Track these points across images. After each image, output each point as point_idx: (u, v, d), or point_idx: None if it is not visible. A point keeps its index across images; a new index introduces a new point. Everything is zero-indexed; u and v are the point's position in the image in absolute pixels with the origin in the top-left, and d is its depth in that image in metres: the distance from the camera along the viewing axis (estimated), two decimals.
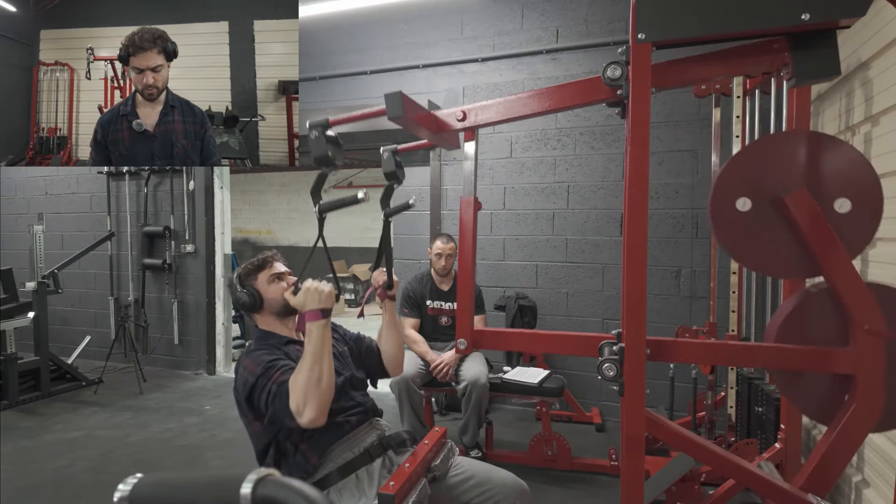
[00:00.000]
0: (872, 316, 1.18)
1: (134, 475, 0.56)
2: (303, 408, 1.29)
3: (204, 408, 3.85)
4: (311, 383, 1.29)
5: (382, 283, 1.72)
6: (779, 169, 1.22)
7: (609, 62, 1.27)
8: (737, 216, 1.24)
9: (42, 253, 4.11)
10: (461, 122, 1.44)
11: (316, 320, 1.34)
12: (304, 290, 1.37)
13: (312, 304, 1.35)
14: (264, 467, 0.52)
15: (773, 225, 1.23)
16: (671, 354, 1.32)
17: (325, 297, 1.36)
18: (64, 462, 2.95)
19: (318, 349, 1.32)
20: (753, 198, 1.23)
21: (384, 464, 1.52)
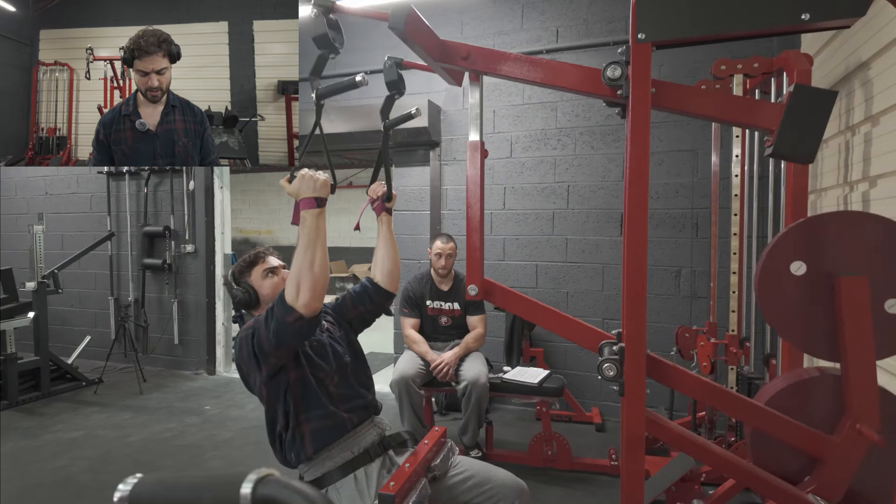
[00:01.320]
0: (870, 418, 1.19)
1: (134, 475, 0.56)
2: (297, 293, 1.28)
3: (204, 408, 3.85)
4: (304, 268, 1.29)
5: (381, 194, 1.70)
6: (846, 247, 1.20)
7: (609, 62, 1.27)
8: (785, 275, 1.22)
9: (42, 253, 4.11)
10: (464, 61, 1.42)
11: (310, 208, 1.33)
12: (300, 178, 1.35)
13: (307, 191, 1.33)
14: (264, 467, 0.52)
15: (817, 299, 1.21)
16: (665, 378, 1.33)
17: (319, 185, 1.34)
18: (64, 462, 2.95)
19: (311, 236, 1.31)
20: (810, 265, 1.21)
21: (384, 464, 1.52)
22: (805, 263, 1.21)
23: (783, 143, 1.14)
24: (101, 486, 2.69)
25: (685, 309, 3.43)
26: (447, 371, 2.81)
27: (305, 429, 1.47)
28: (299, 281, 1.29)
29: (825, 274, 1.21)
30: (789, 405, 1.27)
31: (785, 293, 1.23)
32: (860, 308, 1.17)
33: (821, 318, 1.22)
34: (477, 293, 1.44)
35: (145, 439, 3.27)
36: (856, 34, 2.12)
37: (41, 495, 2.60)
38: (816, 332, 1.23)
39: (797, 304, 1.23)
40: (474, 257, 1.45)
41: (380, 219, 1.75)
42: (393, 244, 1.76)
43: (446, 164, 3.97)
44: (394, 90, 1.57)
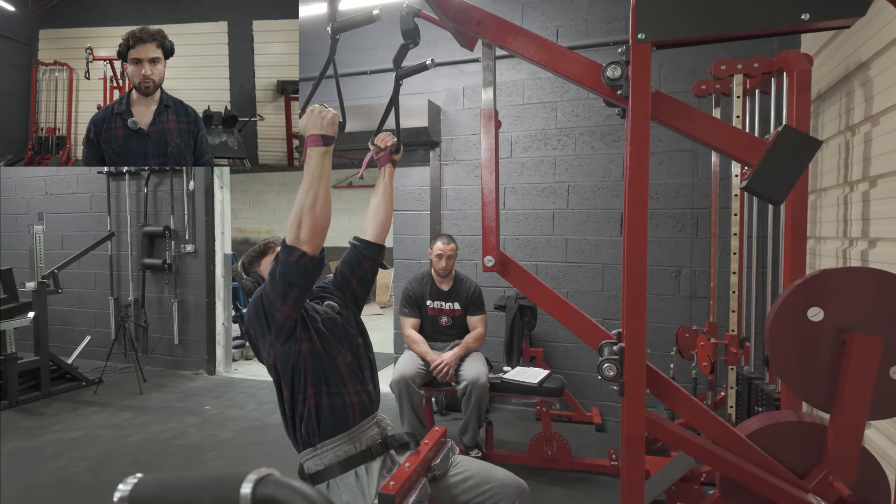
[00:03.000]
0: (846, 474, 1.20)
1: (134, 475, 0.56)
2: (298, 231, 1.27)
3: (204, 408, 3.85)
4: (305, 207, 1.27)
5: (391, 144, 1.67)
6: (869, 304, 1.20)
7: (609, 62, 1.27)
8: (799, 320, 1.23)
9: (42, 253, 4.11)
10: (476, 26, 1.40)
11: (315, 146, 1.30)
12: (308, 113, 1.33)
13: (314, 128, 1.31)
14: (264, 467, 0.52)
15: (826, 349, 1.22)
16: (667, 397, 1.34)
17: (326, 122, 1.32)
18: (64, 462, 2.95)
19: (314, 174, 1.29)
20: (829, 316, 1.21)
21: (385, 463, 1.52)
22: (823, 311, 1.22)
23: (758, 181, 1.16)
24: (101, 486, 2.69)
25: (685, 309, 3.43)
26: (447, 371, 2.81)
27: (315, 402, 1.46)
28: (300, 220, 1.27)
29: (840, 326, 1.21)
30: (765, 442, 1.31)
31: (796, 338, 1.24)
32: (867, 367, 1.18)
33: (824, 367, 1.23)
34: (493, 264, 1.42)
35: (145, 439, 3.27)
36: (856, 34, 2.12)
37: (41, 495, 2.60)
38: (816, 381, 1.24)
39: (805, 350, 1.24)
40: (490, 228, 1.43)
41: (383, 169, 1.72)
42: (390, 196, 1.75)
43: (446, 164, 3.97)
44: (409, 39, 1.55)
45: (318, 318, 1.51)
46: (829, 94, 2.45)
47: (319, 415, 1.46)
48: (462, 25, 1.42)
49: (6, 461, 2.94)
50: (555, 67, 1.36)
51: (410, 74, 1.67)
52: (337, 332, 1.53)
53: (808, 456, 1.29)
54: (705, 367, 2.70)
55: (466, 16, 1.40)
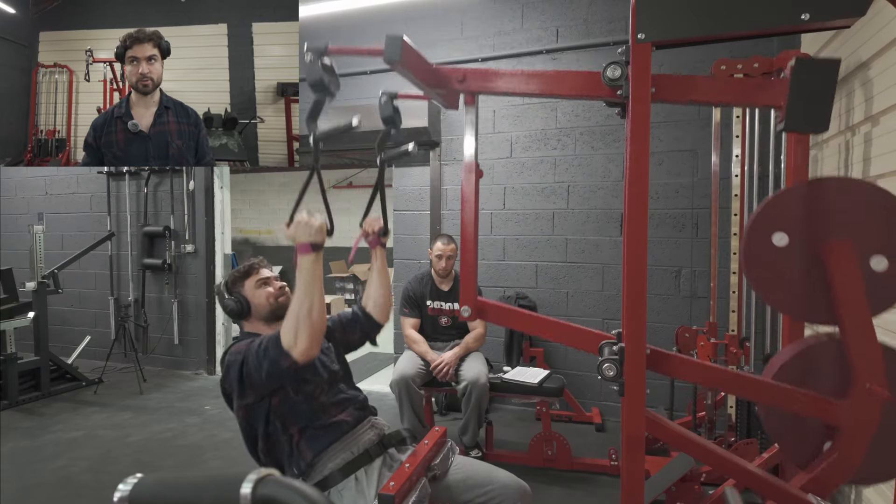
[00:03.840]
0: (877, 376, 1.18)
1: (134, 475, 0.56)
2: (294, 339, 1.29)
3: (204, 408, 3.85)
4: (301, 314, 1.29)
5: (378, 229, 1.70)
6: (824, 213, 1.20)
7: (609, 62, 1.27)
8: (769, 249, 1.22)
9: (42, 253, 4.11)
10: (461, 84, 1.40)
11: (306, 254, 1.33)
12: (296, 223, 1.36)
13: (303, 237, 1.34)
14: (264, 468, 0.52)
15: (804, 267, 1.21)
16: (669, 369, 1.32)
17: (315, 230, 1.35)
18: (64, 462, 2.95)
19: (308, 282, 1.32)
20: (792, 235, 1.21)
21: (385, 462, 1.52)
22: (786, 234, 1.22)
23: (794, 117, 1.14)
24: (101, 486, 2.69)
25: (685, 309, 3.43)
26: (447, 371, 2.81)
27: (299, 438, 1.47)
28: (297, 328, 1.29)
29: (808, 241, 1.22)
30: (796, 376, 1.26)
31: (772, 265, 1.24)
32: (849, 269, 1.18)
33: (813, 284, 1.23)
34: (470, 314, 1.43)
35: (145, 439, 3.27)
36: (856, 34, 2.12)
37: (41, 495, 2.60)
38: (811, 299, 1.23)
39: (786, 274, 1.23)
40: (469, 277, 1.44)
41: (374, 252, 1.75)
42: (386, 277, 1.78)
43: (446, 164, 3.97)
44: (390, 125, 1.56)
45: None
46: None
47: (307, 446, 1.47)
48: (446, 88, 1.42)
49: (6, 461, 2.94)
50: (551, 92, 1.37)
51: (394, 159, 1.69)
52: (312, 369, 1.54)
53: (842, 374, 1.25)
54: None
55: (448, 78, 1.41)
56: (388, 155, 1.65)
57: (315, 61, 1.32)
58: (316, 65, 1.32)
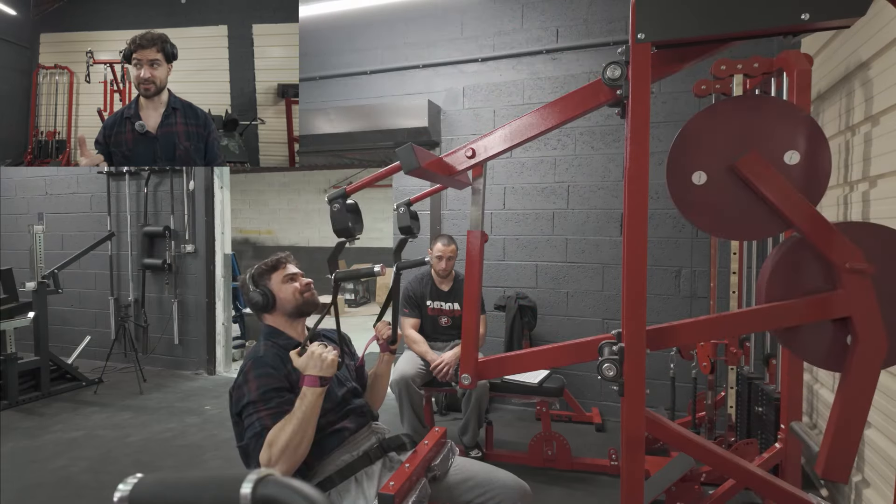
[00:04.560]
0: (851, 254, 1.19)
1: (134, 475, 0.56)
2: (274, 464, 1.31)
3: (204, 408, 3.85)
4: (290, 447, 1.31)
5: (387, 337, 1.72)
6: (725, 138, 1.23)
7: (609, 62, 1.27)
8: (696, 189, 1.25)
9: (42, 253, 4.11)
10: (471, 160, 1.44)
11: (313, 386, 1.36)
12: (309, 355, 1.39)
13: (313, 369, 1.37)
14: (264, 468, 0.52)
15: (733, 191, 1.24)
16: (671, 339, 1.32)
17: (326, 365, 1.38)
18: (64, 462, 2.95)
19: (307, 415, 1.34)
20: (708, 170, 1.24)
21: (385, 465, 1.52)
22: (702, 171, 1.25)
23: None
24: (101, 486, 2.69)
25: (685, 309, 3.43)
26: (447, 371, 2.81)
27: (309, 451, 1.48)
28: (281, 456, 1.31)
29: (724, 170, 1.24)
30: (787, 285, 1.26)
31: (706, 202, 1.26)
32: (768, 173, 1.21)
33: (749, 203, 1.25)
34: (470, 382, 1.44)
35: (145, 439, 3.27)
36: (856, 34, 2.12)
37: (41, 495, 2.60)
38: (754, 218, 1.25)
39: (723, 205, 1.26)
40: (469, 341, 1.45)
41: (382, 356, 1.76)
42: (387, 379, 1.79)
43: None
44: (407, 234, 1.64)
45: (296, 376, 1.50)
46: (829, 94, 2.45)
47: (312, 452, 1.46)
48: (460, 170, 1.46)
49: (6, 461, 2.94)
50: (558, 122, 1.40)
51: (409, 267, 1.75)
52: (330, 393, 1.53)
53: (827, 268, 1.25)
54: (705, 367, 2.70)
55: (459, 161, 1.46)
56: (404, 264, 1.70)
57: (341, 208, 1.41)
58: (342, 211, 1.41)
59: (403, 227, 1.61)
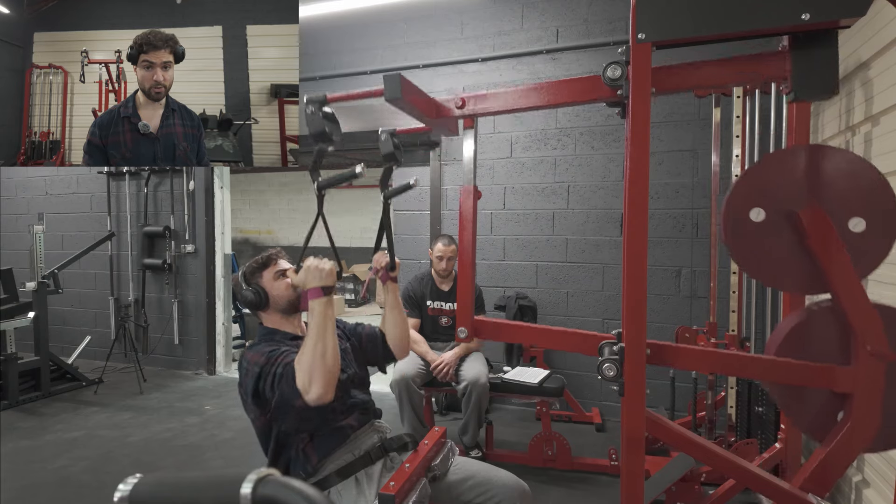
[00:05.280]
0: (876, 337, 1.18)
1: (134, 475, 0.56)
2: (309, 385, 1.29)
3: (204, 408, 3.85)
4: (315, 359, 1.30)
5: (385, 264, 1.71)
6: (796, 183, 1.20)
7: (609, 62, 1.27)
8: (749, 224, 1.23)
9: (42, 253, 4.11)
10: (460, 110, 1.43)
11: (317, 298, 1.35)
12: (305, 269, 1.37)
13: (314, 281, 1.36)
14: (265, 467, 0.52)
15: (785, 238, 1.21)
16: (671, 360, 1.32)
17: (325, 274, 1.37)
18: (64, 462, 2.95)
19: (321, 326, 1.32)
20: (768, 209, 1.21)
21: (385, 465, 1.52)
22: (762, 209, 1.22)
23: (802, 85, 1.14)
24: (101, 486, 2.69)
25: (685, 309, 3.43)
26: (447, 371, 2.81)
27: (307, 445, 1.48)
28: (311, 372, 1.29)
29: (784, 214, 1.21)
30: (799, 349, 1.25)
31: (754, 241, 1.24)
32: (827, 234, 1.18)
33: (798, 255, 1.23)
34: (466, 335, 1.44)
35: (145, 439, 3.27)
36: (856, 34, 2.12)
37: (41, 495, 2.60)
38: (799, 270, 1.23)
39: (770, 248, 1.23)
40: (465, 297, 1.45)
41: (386, 287, 1.75)
42: (401, 312, 1.77)
43: (446, 164, 3.97)
44: (391, 161, 1.59)
45: None
46: None
47: (314, 451, 1.48)
48: (447, 117, 1.44)
49: (6, 461, 2.94)
50: (552, 102, 1.39)
51: (396, 194, 1.71)
52: None
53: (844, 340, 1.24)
54: None
55: (448, 108, 1.44)
56: (391, 191, 1.67)
57: (316, 112, 1.33)
58: (317, 115, 1.34)
59: (387, 153, 1.56)
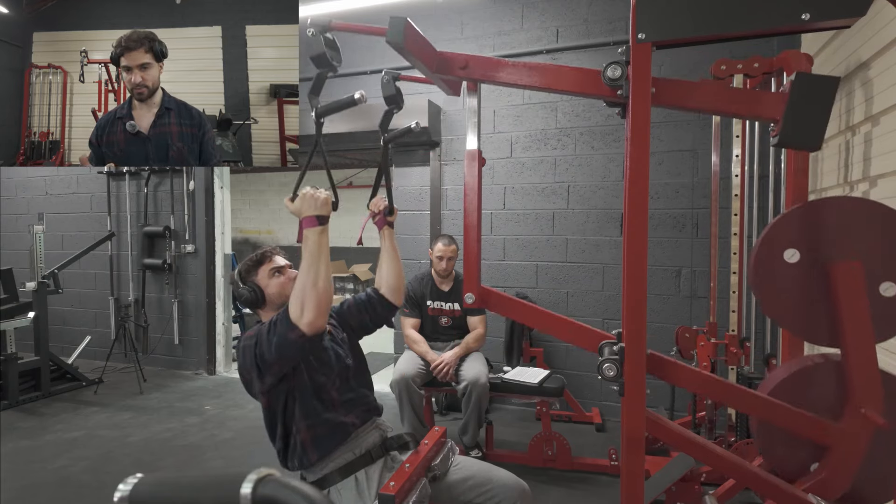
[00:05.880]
0: (874, 402, 1.19)
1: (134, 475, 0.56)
2: (301, 311, 1.29)
3: (204, 408, 3.85)
4: (307, 285, 1.29)
5: (383, 208, 1.71)
6: (839, 234, 1.20)
7: (609, 62, 1.27)
8: (780, 263, 1.22)
9: (42, 253, 4.11)
10: (463, 70, 1.41)
11: (312, 227, 1.35)
12: (301, 197, 1.37)
13: (309, 210, 1.35)
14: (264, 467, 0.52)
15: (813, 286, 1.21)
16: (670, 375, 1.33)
17: (320, 203, 1.36)
18: (64, 462, 2.95)
19: (314, 254, 1.32)
20: (803, 253, 1.21)
21: (386, 464, 1.52)
22: (798, 251, 1.21)
23: (789, 132, 1.14)
24: (101, 486, 2.69)
25: (685, 309, 3.43)
26: (447, 371, 2.81)
27: (307, 436, 1.47)
28: (303, 299, 1.29)
29: (818, 261, 1.21)
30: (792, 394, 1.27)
31: (780, 281, 1.23)
32: (856, 293, 1.18)
33: (818, 304, 1.22)
34: (473, 301, 1.43)
35: (145, 439, 3.27)
36: (856, 34, 2.12)
37: (41, 495, 2.60)
38: (815, 319, 1.23)
39: (793, 291, 1.23)
40: (472, 265, 1.44)
41: (382, 232, 1.76)
42: (397, 258, 1.78)
43: (446, 164, 3.97)
44: (392, 105, 1.58)
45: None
46: None
47: (315, 443, 1.47)
48: (448, 74, 1.43)
49: (6, 461, 2.94)
50: (551, 86, 1.37)
51: (397, 138, 1.69)
52: (325, 359, 1.53)
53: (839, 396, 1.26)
54: (705, 367, 2.70)
55: (451, 64, 1.42)
56: (392, 135, 1.65)
57: (317, 35, 1.33)
58: (318, 39, 1.33)
59: (388, 96, 1.54)
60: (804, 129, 1.13)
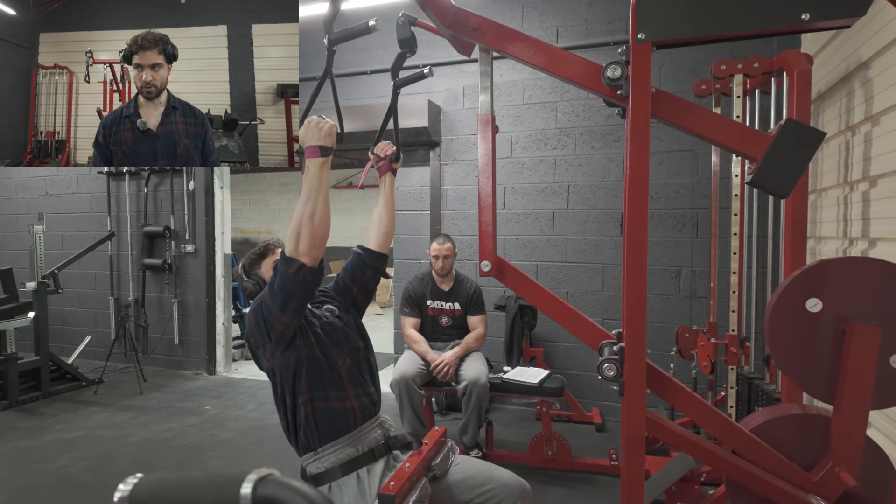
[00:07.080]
0: (851, 465, 1.21)
1: (134, 475, 0.56)
2: (296, 244, 1.28)
3: (204, 408, 3.85)
4: (304, 218, 1.28)
5: (390, 153, 1.69)
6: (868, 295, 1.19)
7: (609, 62, 1.27)
8: (800, 311, 1.22)
9: (42, 253, 4.11)
10: (474, 32, 1.41)
11: (314, 157, 1.32)
12: (306, 124, 1.34)
13: (312, 139, 1.32)
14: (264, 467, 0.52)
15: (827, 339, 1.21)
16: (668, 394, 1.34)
17: (324, 132, 1.33)
18: (64, 462, 2.95)
19: (313, 186, 1.30)
20: (827, 306, 1.21)
21: (388, 463, 1.51)
22: (822, 302, 1.21)
23: (763, 175, 1.16)
24: (101, 486, 2.69)
25: (685, 309, 3.43)
26: (447, 371, 2.81)
27: (314, 408, 1.45)
28: (299, 232, 1.28)
29: (839, 317, 1.21)
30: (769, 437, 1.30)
31: (795, 325, 1.23)
32: (867, 357, 1.17)
33: (823, 358, 1.23)
34: (490, 269, 1.43)
35: (145, 439, 3.27)
36: (856, 34, 2.12)
37: (41, 495, 2.60)
38: (817, 372, 1.24)
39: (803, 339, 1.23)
40: (487, 233, 1.44)
41: (384, 179, 1.73)
42: (392, 205, 1.76)
43: (446, 164, 3.97)
44: (405, 48, 1.57)
45: (317, 322, 1.51)
46: (830, 93, 2.45)
47: (319, 420, 1.46)
48: (459, 32, 1.42)
49: (6, 461, 2.94)
50: (554, 70, 1.36)
51: (408, 83, 1.69)
52: (336, 337, 1.53)
53: (813, 448, 1.28)
54: (705, 367, 2.70)
55: (464, 22, 1.41)
56: (402, 80, 1.65)
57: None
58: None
59: (403, 39, 1.54)
60: (780, 174, 1.14)
